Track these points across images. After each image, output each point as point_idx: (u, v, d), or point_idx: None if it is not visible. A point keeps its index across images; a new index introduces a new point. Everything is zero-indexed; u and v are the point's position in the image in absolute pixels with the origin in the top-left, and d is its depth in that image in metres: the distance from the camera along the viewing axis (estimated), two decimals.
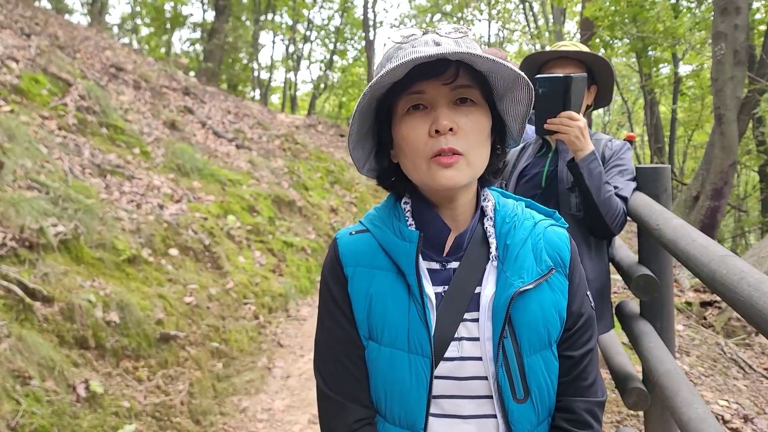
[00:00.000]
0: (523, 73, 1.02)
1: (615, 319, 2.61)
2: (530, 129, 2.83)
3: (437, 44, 1.01)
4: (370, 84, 1.00)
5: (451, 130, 1.00)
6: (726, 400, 3.67)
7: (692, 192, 8.30)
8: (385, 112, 1.09)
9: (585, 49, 2.36)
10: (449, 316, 1.07)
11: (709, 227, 7.30)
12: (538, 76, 2.13)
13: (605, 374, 3.61)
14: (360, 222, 1.19)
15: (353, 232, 1.17)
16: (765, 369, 4.25)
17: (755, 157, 11.81)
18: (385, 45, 1.08)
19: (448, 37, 1.02)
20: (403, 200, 1.15)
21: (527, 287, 1.06)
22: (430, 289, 1.08)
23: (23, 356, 2.95)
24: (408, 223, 1.12)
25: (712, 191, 7.28)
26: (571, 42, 2.42)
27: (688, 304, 5.30)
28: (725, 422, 3.42)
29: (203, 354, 4.00)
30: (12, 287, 3.21)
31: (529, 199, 1.23)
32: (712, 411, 3.47)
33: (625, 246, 2.72)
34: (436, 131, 1.00)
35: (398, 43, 1.04)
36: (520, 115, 1.12)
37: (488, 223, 1.13)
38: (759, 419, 3.46)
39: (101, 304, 3.58)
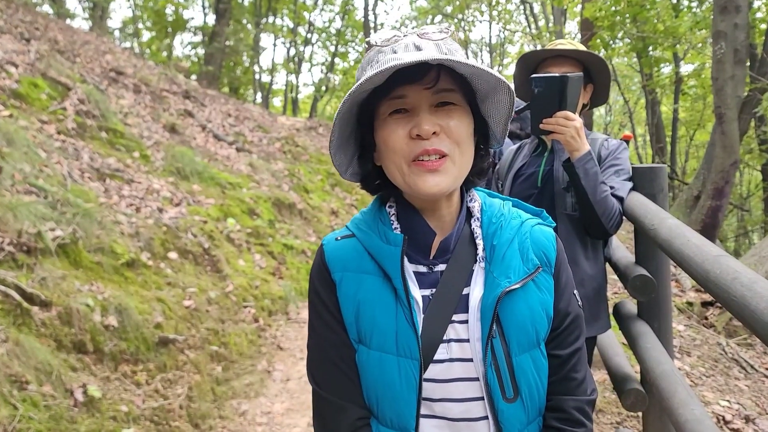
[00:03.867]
0: (503, 78, 1.02)
1: (612, 320, 2.60)
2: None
3: (418, 48, 1.00)
4: (349, 92, 0.99)
5: (434, 133, 1.00)
6: (727, 401, 3.65)
7: (694, 191, 8.27)
8: (367, 117, 1.08)
9: (581, 47, 2.34)
10: (437, 318, 1.07)
11: (710, 227, 7.28)
12: (534, 75, 2.12)
13: (604, 375, 3.60)
14: (346, 227, 1.19)
15: (339, 238, 1.17)
16: (767, 369, 4.22)
17: (757, 156, 11.78)
18: (366, 48, 1.07)
19: (429, 39, 1.01)
20: (388, 204, 1.15)
21: (514, 287, 1.07)
22: (417, 292, 1.08)
23: (20, 361, 2.94)
24: (393, 227, 1.12)
25: (713, 190, 7.25)
26: (568, 40, 2.41)
27: (690, 304, 5.28)
28: (726, 423, 3.40)
29: (202, 357, 3.99)
30: (9, 292, 3.21)
31: (516, 199, 1.23)
32: (714, 411, 3.46)
33: (622, 246, 2.71)
34: (418, 135, 1.00)
35: (379, 46, 1.04)
36: (502, 116, 1.11)
37: (475, 224, 1.13)
38: (761, 419, 3.44)
39: (99, 308, 3.58)
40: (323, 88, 25.86)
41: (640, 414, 3.24)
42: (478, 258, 1.11)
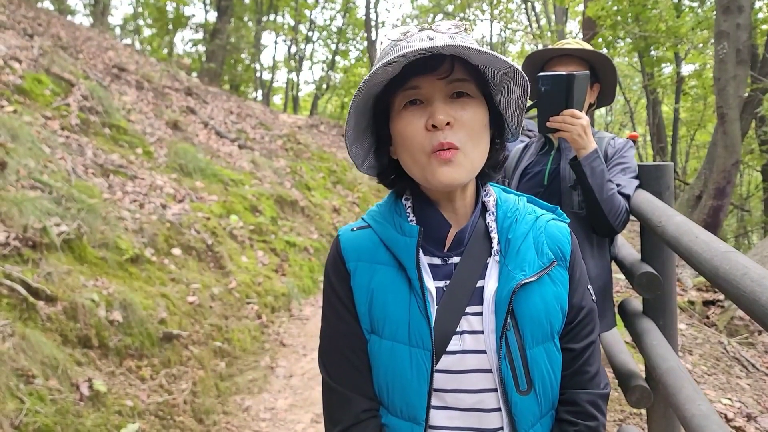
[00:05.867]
0: (517, 66, 1.02)
1: (618, 317, 2.61)
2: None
3: (431, 40, 1.01)
4: (364, 80, 1.00)
5: (448, 124, 1.01)
6: (729, 399, 3.66)
7: (695, 191, 8.29)
8: (383, 109, 1.09)
9: (588, 47, 2.36)
10: (451, 309, 1.08)
11: (711, 226, 7.29)
12: (541, 74, 2.13)
13: (608, 373, 3.61)
14: (362, 218, 1.20)
15: (355, 228, 1.18)
16: None
17: (758, 156, 11.79)
18: (381, 43, 1.08)
19: (443, 32, 1.02)
20: (404, 196, 1.16)
21: (529, 280, 1.08)
22: (431, 283, 1.09)
23: (27, 355, 2.95)
24: (409, 219, 1.13)
25: (714, 190, 7.27)
26: (575, 40, 2.42)
27: (691, 303, 5.30)
28: (728, 420, 3.41)
29: (206, 353, 4.00)
30: (15, 286, 3.22)
31: (530, 196, 1.24)
32: (716, 409, 3.47)
33: (627, 244, 2.72)
34: (433, 126, 1.01)
35: (394, 40, 1.04)
36: (517, 107, 1.12)
37: (490, 218, 1.14)
38: (762, 417, 3.45)
39: (104, 303, 3.59)
40: (324, 86, 25.85)
41: (643, 411, 3.25)
42: (492, 251, 1.11)
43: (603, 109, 23.07)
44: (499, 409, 1.08)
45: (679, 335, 4.54)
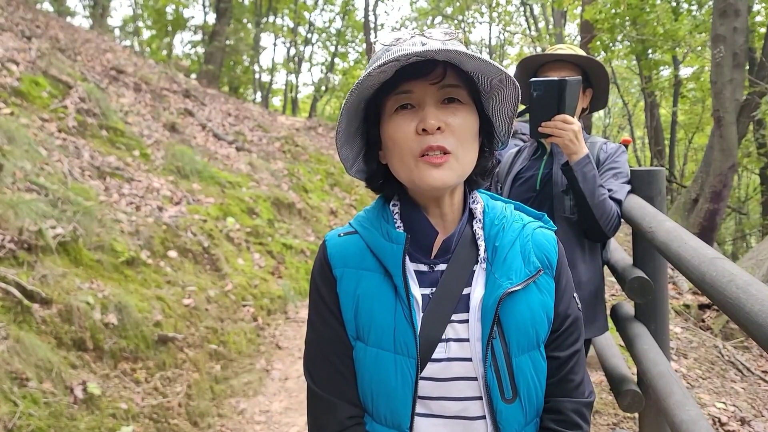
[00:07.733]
0: (509, 73, 1.03)
1: (610, 321, 2.62)
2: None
3: (424, 45, 1.01)
4: (357, 82, 1.00)
5: (439, 129, 1.01)
6: (723, 403, 3.67)
7: (692, 195, 8.30)
8: (374, 113, 1.10)
9: (581, 52, 2.37)
10: (436, 317, 1.08)
11: (708, 230, 7.31)
12: (533, 79, 2.14)
13: (601, 377, 3.62)
14: (349, 224, 1.19)
15: (342, 234, 1.17)
16: (763, 372, 4.25)
17: (756, 159, 11.81)
18: (374, 48, 1.09)
19: (435, 39, 1.03)
20: (392, 202, 1.16)
21: (516, 288, 1.07)
22: (417, 291, 1.09)
23: (21, 358, 2.96)
24: (396, 225, 1.13)
25: (711, 194, 7.28)
26: (567, 45, 2.43)
27: (687, 306, 5.30)
28: (722, 424, 3.42)
29: (201, 356, 4.00)
30: (10, 289, 3.22)
31: (518, 202, 1.24)
32: (710, 413, 3.48)
33: (620, 248, 2.73)
34: (423, 130, 1.01)
35: (386, 45, 1.05)
36: (507, 114, 1.12)
37: (477, 226, 1.14)
38: (756, 422, 3.46)
39: (99, 305, 3.59)
40: (323, 88, 25.83)
41: (636, 415, 3.26)
42: (479, 259, 1.11)
43: (601, 112, 23.12)
44: (483, 417, 1.08)
45: (675, 339, 4.55)
